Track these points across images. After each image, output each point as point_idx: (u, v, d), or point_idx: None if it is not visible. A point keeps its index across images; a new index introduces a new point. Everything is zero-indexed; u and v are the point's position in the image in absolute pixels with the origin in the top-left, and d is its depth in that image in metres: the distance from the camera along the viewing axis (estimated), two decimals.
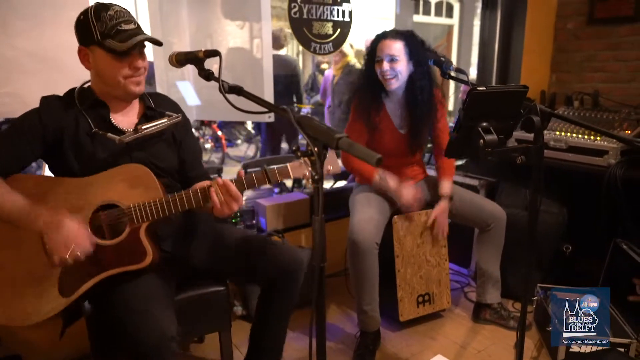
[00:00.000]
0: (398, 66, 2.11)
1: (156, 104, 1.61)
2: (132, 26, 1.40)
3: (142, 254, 1.42)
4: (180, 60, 1.42)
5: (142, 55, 1.46)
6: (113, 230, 1.46)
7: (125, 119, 1.54)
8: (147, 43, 1.45)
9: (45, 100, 1.46)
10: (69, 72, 1.84)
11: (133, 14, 1.46)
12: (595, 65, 3.03)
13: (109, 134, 1.44)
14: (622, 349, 1.88)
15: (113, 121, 1.51)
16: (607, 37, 2.94)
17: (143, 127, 1.47)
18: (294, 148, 1.04)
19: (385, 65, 2.11)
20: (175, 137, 1.63)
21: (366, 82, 2.23)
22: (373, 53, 2.17)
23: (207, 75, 1.38)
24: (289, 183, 3.54)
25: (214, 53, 1.34)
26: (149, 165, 1.49)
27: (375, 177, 2.19)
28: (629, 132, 2.40)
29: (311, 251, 2.42)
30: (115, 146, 1.45)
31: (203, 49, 1.38)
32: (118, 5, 1.42)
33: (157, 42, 1.46)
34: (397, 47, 2.11)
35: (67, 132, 1.43)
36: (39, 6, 1.79)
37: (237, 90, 1.32)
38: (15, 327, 1.39)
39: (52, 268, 1.40)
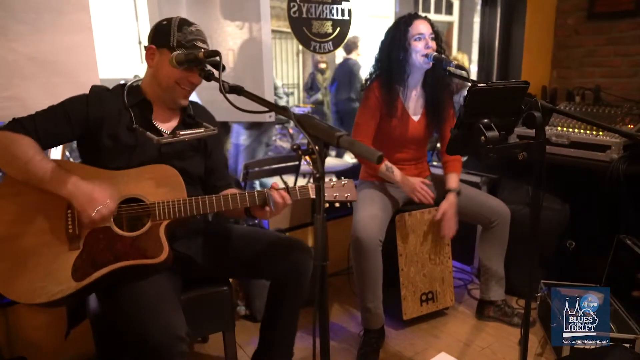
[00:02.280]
0: (433, 44, 2.12)
1: (195, 113, 1.69)
2: (205, 46, 1.51)
3: (158, 249, 1.46)
4: (180, 61, 1.43)
5: (200, 75, 1.45)
6: (132, 224, 1.49)
7: (166, 121, 1.62)
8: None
9: (94, 89, 1.55)
10: (69, 76, 1.85)
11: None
12: (596, 60, 3.02)
13: (148, 133, 1.52)
14: (627, 345, 1.88)
15: (154, 122, 1.58)
16: (607, 32, 2.93)
17: (181, 133, 1.55)
18: (294, 147, 1.03)
19: (431, 43, 2.10)
20: (207, 146, 1.70)
21: (389, 68, 2.15)
22: (405, 34, 2.10)
23: (207, 75, 1.38)
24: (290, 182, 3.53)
25: (214, 53, 1.35)
26: (177, 169, 1.55)
27: (382, 167, 2.18)
28: (632, 126, 2.39)
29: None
30: (151, 145, 1.52)
31: (203, 50, 1.38)
32: (199, 26, 1.54)
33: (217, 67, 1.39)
34: (430, 27, 2.12)
35: (107, 123, 1.50)
36: (38, 10, 1.80)
37: (238, 90, 1.32)
38: (21, 303, 1.38)
39: (70, 249, 1.42)
